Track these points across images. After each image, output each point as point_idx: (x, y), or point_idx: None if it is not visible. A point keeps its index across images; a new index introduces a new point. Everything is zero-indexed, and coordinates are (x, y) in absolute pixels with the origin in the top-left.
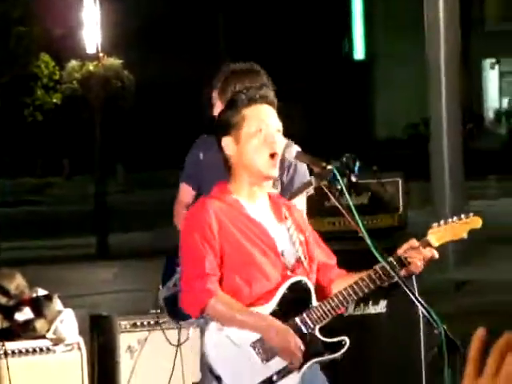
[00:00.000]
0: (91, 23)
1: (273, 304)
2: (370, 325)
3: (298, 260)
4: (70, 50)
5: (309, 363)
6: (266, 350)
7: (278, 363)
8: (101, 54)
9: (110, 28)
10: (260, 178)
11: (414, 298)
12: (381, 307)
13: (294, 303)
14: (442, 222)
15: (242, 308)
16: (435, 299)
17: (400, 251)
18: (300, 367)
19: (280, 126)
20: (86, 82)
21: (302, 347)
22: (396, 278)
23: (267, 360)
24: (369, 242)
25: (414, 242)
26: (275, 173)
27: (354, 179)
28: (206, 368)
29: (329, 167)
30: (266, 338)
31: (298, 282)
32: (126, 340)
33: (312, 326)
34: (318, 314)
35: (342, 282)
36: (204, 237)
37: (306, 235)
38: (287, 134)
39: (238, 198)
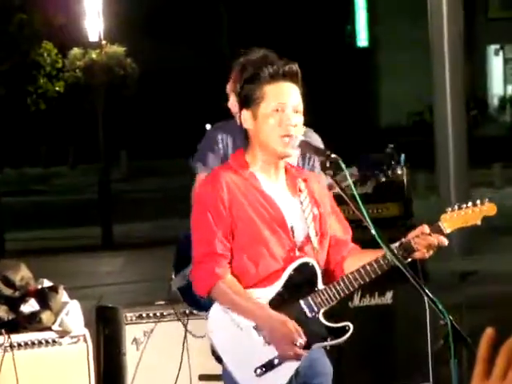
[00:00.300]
0: (94, 11)
1: (279, 285)
2: (376, 316)
3: (307, 237)
4: (73, 38)
5: (312, 347)
6: None
7: None
8: (103, 42)
9: (112, 16)
10: (274, 156)
11: (420, 289)
12: (387, 298)
13: (299, 285)
14: (455, 206)
15: (246, 296)
16: (441, 290)
17: (410, 237)
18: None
19: (300, 107)
20: (89, 69)
21: (302, 340)
22: (403, 269)
23: (269, 343)
24: (374, 231)
25: (424, 228)
26: (290, 152)
27: (399, 171)
28: (210, 348)
29: (333, 156)
30: (263, 330)
31: (306, 264)
32: (131, 332)
33: (316, 309)
34: (323, 297)
35: (355, 261)
36: (215, 213)
37: (321, 210)
38: None
39: (254, 170)
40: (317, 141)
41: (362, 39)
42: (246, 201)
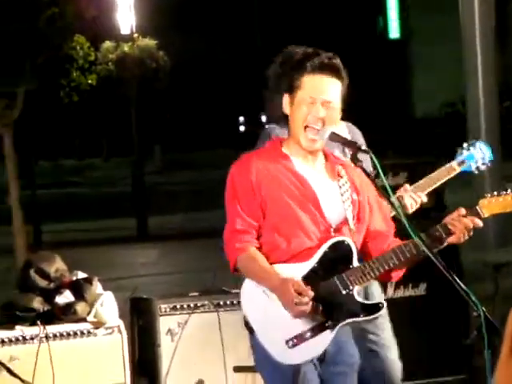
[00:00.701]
0: (125, 3)
1: (313, 261)
2: (410, 307)
3: (345, 220)
4: (105, 31)
5: (343, 322)
6: None
7: (311, 320)
8: (135, 35)
9: (144, 9)
10: (301, 147)
11: (453, 281)
12: (421, 290)
13: (334, 262)
14: (494, 192)
15: (264, 265)
16: (474, 281)
17: (447, 220)
18: (334, 326)
19: (333, 102)
20: (121, 62)
21: (304, 298)
22: (436, 261)
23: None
24: (405, 221)
25: (462, 210)
26: (313, 147)
27: (483, 167)
28: (243, 320)
29: (363, 148)
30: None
31: (341, 242)
32: (166, 323)
33: (350, 286)
34: (358, 275)
35: None
36: (242, 194)
37: (360, 198)
38: None
39: (289, 153)
40: (358, 135)
41: (394, 31)
42: (278, 181)
